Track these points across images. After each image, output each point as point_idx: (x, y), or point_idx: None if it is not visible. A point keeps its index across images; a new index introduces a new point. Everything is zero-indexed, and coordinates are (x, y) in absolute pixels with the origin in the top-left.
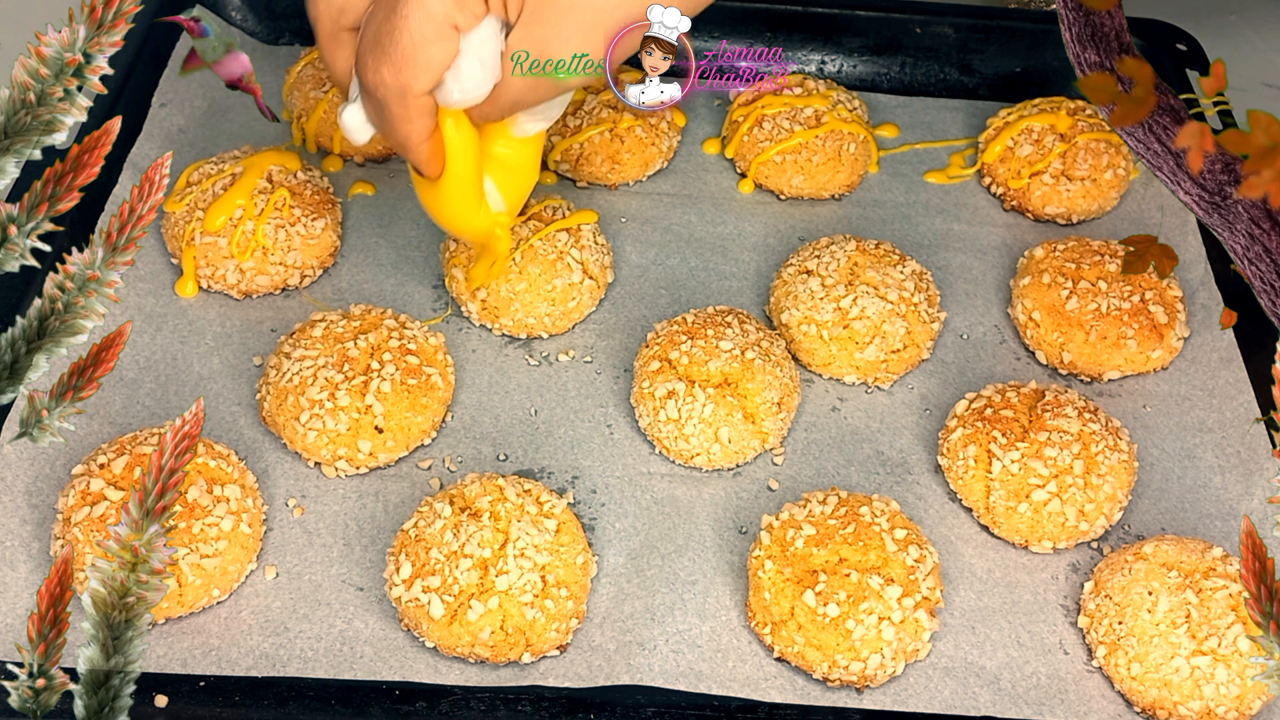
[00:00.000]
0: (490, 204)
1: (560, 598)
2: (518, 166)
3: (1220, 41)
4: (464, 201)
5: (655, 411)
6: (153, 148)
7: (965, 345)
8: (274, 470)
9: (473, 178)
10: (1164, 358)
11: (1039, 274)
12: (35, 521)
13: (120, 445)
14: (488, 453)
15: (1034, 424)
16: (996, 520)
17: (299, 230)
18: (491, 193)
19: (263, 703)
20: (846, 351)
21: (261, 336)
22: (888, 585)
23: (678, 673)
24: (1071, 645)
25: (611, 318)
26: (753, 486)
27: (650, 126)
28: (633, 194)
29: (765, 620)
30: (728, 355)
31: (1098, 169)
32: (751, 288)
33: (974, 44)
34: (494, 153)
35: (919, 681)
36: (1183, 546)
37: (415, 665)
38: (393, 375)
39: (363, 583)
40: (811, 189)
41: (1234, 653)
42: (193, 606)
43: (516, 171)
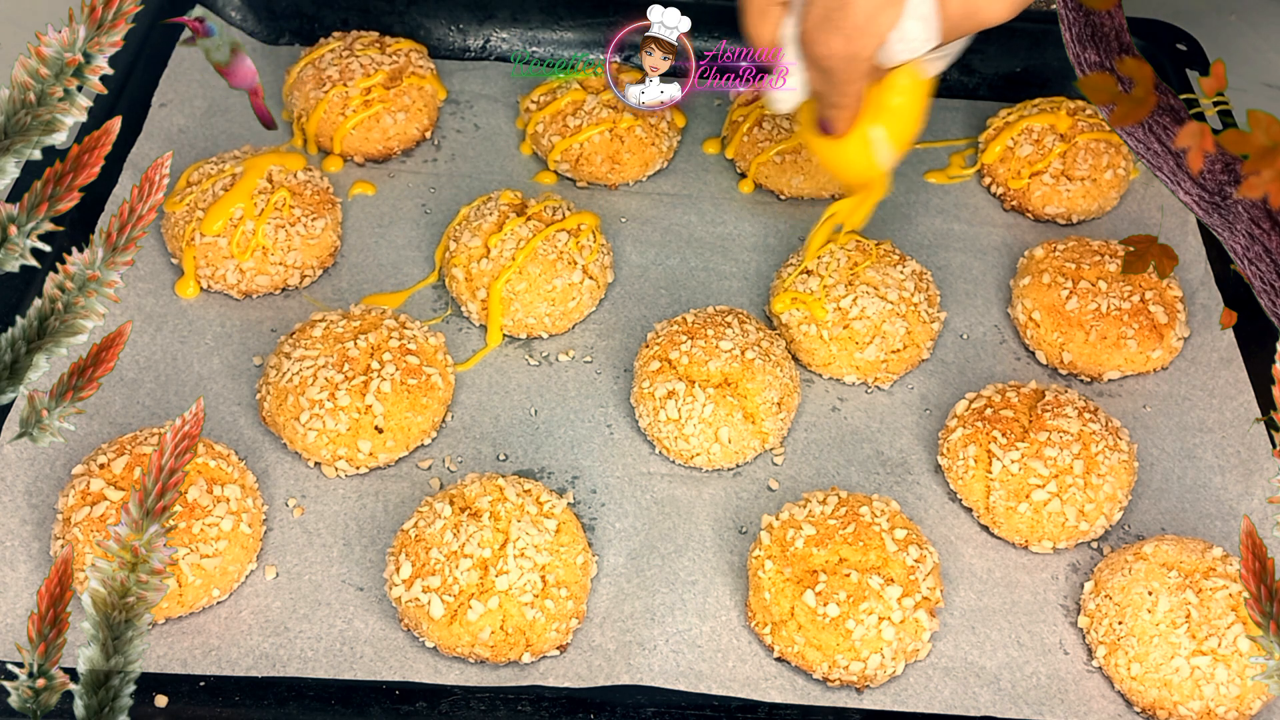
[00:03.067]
0: (878, 152)
1: (560, 598)
2: (908, 114)
3: (1220, 41)
4: (869, 150)
5: (655, 411)
6: (153, 148)
7: (965, 345)
8: (274, 470)
9: (904, 129)
10: (1164, 358)
11: (1039, 274)
12: (35, 521)
13: (120, 445)
14: (488, 453)
15: (1034, 424)
16: (996, 520)
17: (299, 230)
18: (880, 140)
19: (263, 703)
20: (846, 351)
21: (261, 336)
22: (888, 585)
23: (678, 673)
24: (1071, 645)
25: (611, 318)
26: (753, 486)
27: (650, 126)
28: (633, 194)
29: (765, 620)
30: (728, 355)
31: (1098, 169)
32: (751, 288)
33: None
34: (886, 103)
35: (919, 681)
36: (1183, 546)
37: (415, 665)
38: (393, 375)
39: (363, 583)
40: (811, 189)
41: (1234, 653)
42: (193, 606)
43: (906, 119)
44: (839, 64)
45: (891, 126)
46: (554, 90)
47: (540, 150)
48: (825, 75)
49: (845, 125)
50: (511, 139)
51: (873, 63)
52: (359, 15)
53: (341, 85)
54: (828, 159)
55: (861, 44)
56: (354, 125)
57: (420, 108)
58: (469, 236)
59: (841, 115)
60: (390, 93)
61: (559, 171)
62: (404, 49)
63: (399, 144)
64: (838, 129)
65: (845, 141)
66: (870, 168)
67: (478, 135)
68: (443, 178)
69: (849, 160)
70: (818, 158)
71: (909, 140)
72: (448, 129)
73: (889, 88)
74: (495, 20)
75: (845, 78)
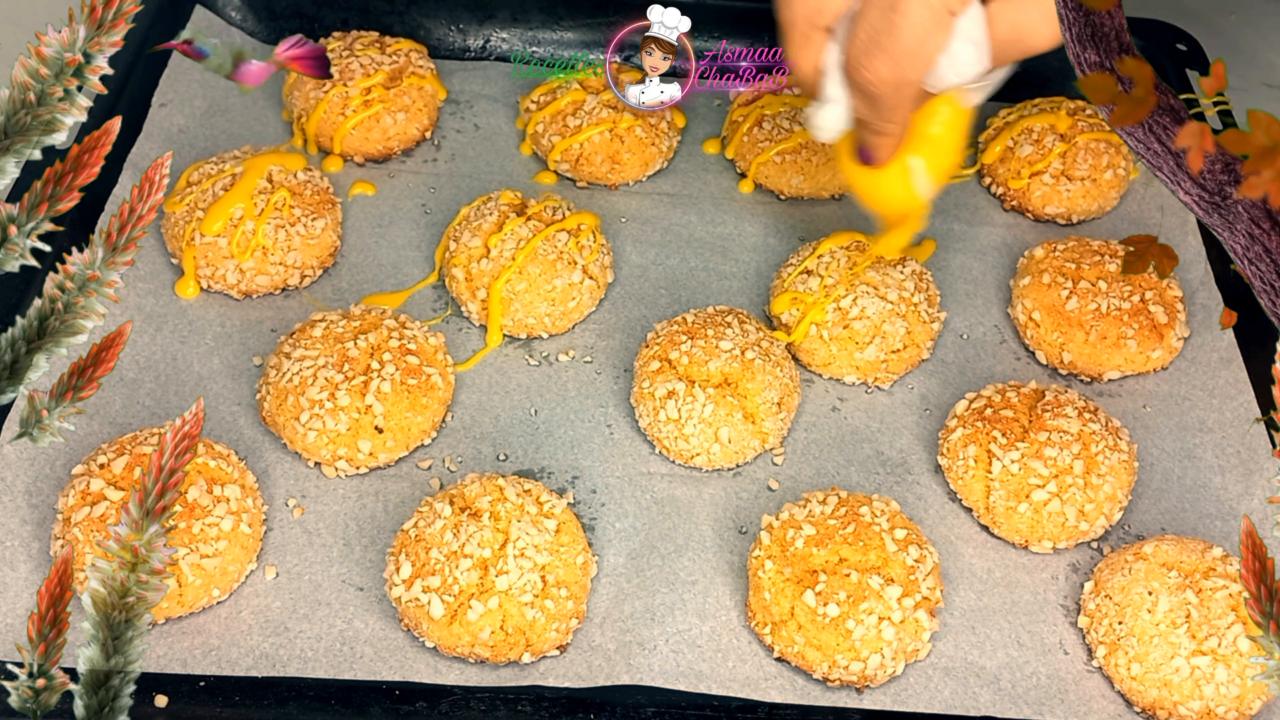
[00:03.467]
0: (918, 182)
1: (560, 598)
2: (948, 145)
3: (1220, 41)
4: (908, 181)
5: (655, 411)
6: (153, 148)
7: (965, 345)
8: (274, 470)
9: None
10: (1164, 358)
11: (1039, 274)
12: (35, 521)
13: (120, 445)
14: (488, 453)
15: (1034, 424)
16: (996, 520)
17: (299, 230)
18: (919, 171)
19: (263, 703)
20: (846, 351)
21: (261, 336)
22: (888, 585)
23: (678, 673)
24: (1071, 645)
25: (611, 318)
26: (753, 486)
27: (650, 126)
28: (633, 194)
29: (765, 620)
30: (728, 355)
31: (1098, 169)
32: (751, 288)
33: None
34: (926, 132)
35: (919, 681)
36: (1183, 546)
37: (415, 665)
38: (393, 375)
39: (363, 583)
40: (811, 189)
41: (1234, 653)
42: (193, 606)
43: (946, 150)
44: (885, 90)
45: (931, 157)
46: (554, 90)
47: (540, 150)
48: (870, 101)
49: (888, 154)
50: (511, 139)
51: (920, 88)
52: (359, 15)
53: (341, 85)
54: (866, 190)
55: (909, 69)
56: (354, 125)
57: (420, 108)
58: (469, 236)
59: (885, 143)
60: (390, 93)
61: (559, 171)
62: (404, 49)
63: (399, 144)
64: (880, 157)
65: (884, 172)
66: (909, 199)
67: (478, 135)
68: (443, 178)
69: (888, 191)
70: (855, 189)
71: (948, 172)
72: (448, 129)
73: (929, 117)
74: (495, 20)
75: (892, 104)
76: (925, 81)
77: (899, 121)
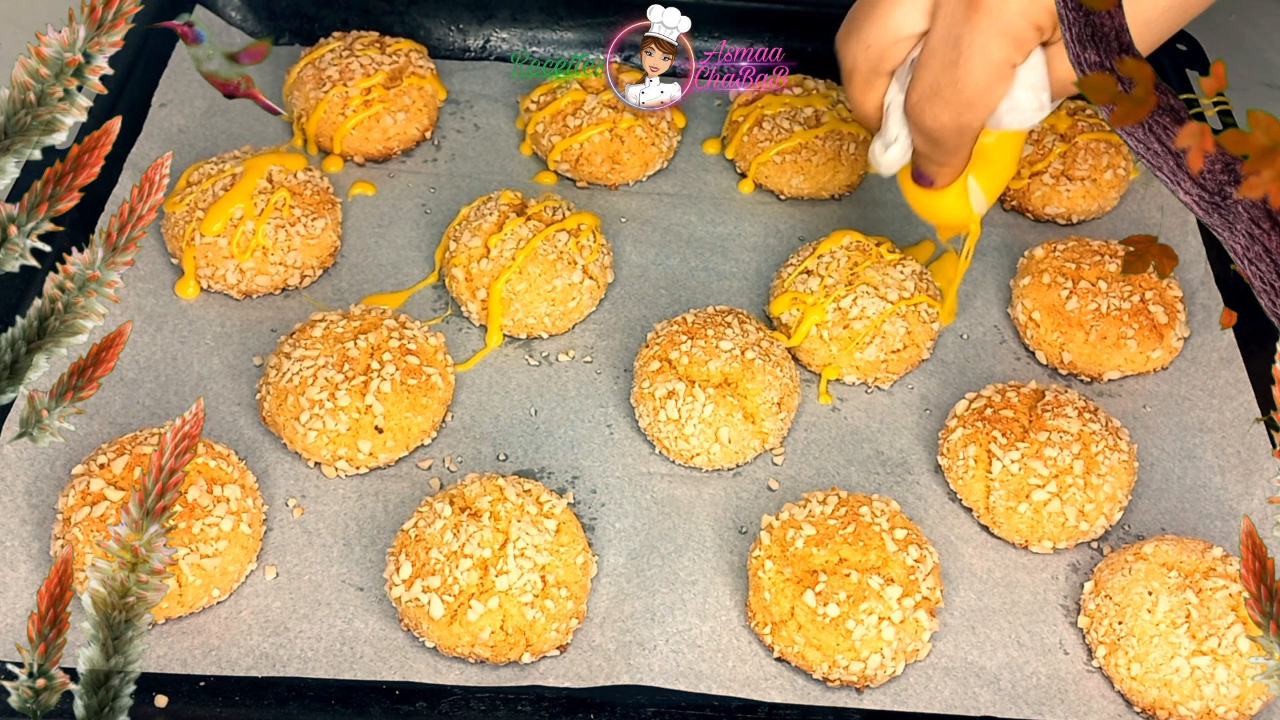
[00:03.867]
0: (974, 200)
1: (560, 598)
2: (1004, 164)
3: (1220, 41)
4: (964, 199)
5: (655, 411)
6: (153, 148)
7: (965, 345)
8: (274, 470)
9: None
10: (1164, 358)
11: (1039, 274)
12: (35, 521)
13: (120, 445)
14: (488, 453)
15: (1034, 424)
16: (996, 520)
17: (299, 230)
18: (974, 190)
19: (263, 703)
20: (846, 351)
21: (261, 336)
22: (888, 585)
23: (678, 673)
24: (1071, 645)
25: (611, 318)
26: (753, 486)
27: (650, 126)
28: (633, 194)
29: (765, 620)
30: (728, 355)
31: (1098, 169)
32: (751, 288)
33: None
34: (984, 153)
35: (919, 681)
36: (1183, 546)
37: (415, 665)
38: (393, 375)
39: (363, 583)
40: (811, 189)
41: (1234, 653)
42: (193, 606)
43: (1002, 168)
44: (948, 134)
45: (987, 176)
46: (554, 90)
47: (540, 150)
48: (933, 143)
49: (947, 182)
50: (511, 139)
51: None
52: (359, 15)
53: (341, 85)
54: (922, 206)
55: (971, 117)
56: (354, 125)
57: (420, 108)
58: (469, 236)
59: (945, 173)
60: (390, 93)
61: (559, 171)
62: (404, 49)
63: (399, 144)
64: (939, 185)
65: (943, 192)
66: (965, 215)
67: (478, 135)
68: (443, 178)
69: (944, 208)
70: (912, 204)
71: (1003, 187)
72: (448, 129)
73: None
74: (495, 20)
75: (953, 146)
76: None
77: (960, 159)
